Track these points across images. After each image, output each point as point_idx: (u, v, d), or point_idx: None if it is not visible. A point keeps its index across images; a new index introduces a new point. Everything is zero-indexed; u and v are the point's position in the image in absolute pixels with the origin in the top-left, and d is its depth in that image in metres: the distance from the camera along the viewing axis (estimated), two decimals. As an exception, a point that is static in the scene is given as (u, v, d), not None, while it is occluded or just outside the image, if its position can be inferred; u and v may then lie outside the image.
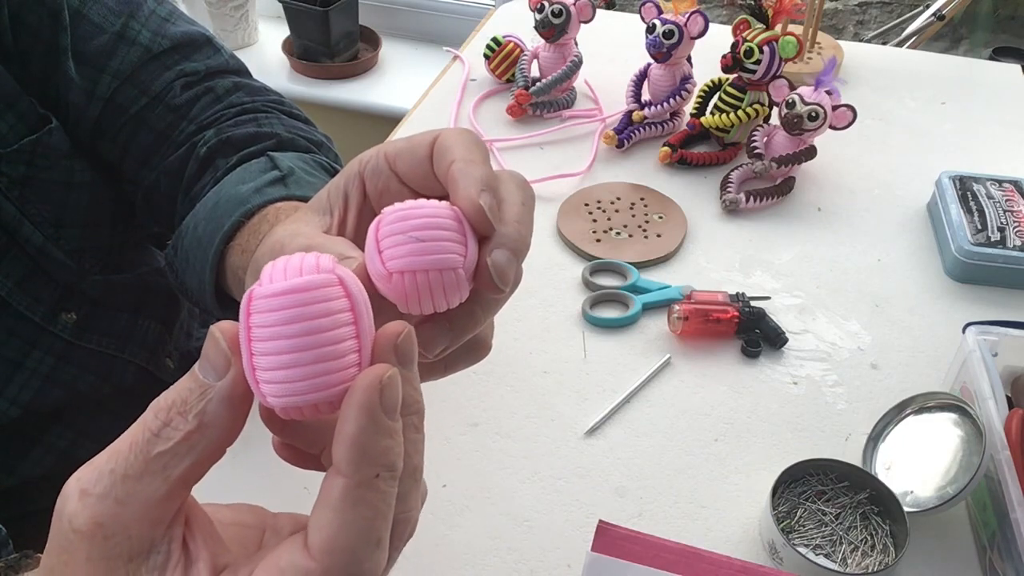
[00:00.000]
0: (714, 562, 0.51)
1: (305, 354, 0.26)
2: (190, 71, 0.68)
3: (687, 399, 0.69)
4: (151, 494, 0.27)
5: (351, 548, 0.26)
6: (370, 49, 1.88)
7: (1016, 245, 0.78)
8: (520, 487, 0.62)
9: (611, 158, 0.95)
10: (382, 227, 0.32)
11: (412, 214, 0.32)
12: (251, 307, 0.27)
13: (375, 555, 0.27)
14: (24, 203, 0.64)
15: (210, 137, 0.66)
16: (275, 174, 0.61)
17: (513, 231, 0.34)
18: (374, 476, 0.27)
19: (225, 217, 0.58)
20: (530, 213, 0.36)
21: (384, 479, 0.27)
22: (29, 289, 0.66)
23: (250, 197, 0.58)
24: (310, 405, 0.27)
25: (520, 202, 0.35)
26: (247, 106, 0.70)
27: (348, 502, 0.26)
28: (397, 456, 0.27)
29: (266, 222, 0.54)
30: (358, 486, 0.26)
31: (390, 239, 0.32)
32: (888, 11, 2.24)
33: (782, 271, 0.81)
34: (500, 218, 0.34)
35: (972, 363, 0.62)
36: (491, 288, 0.33)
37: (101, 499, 0.27)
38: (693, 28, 0.91)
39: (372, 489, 0.27)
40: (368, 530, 0.27)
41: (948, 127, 1.01)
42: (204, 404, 0.27)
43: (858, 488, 0.59)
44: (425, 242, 0.32)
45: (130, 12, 0.67)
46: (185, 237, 0.63)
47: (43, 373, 0.68)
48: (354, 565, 0.26)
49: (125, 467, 0.27)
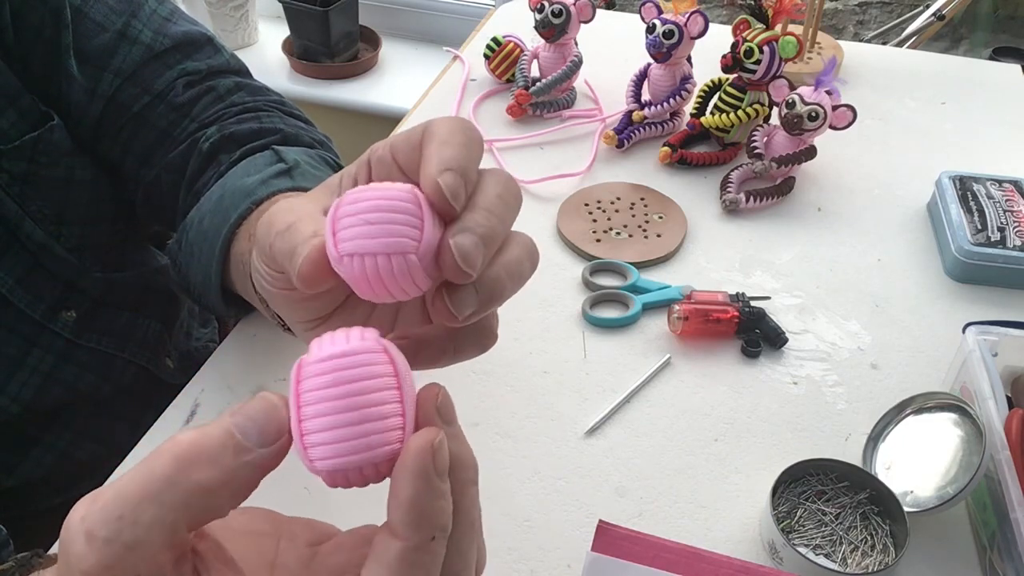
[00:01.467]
0: (714, 562, 0.51)
1: (352, 415, 0.27)
2: (192, 70, 0.69)
3: (687, 399, 0.69)
4: (161, 540, 0.27)
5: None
6: (370, 49, 1.88)
7: (1016, 245, 0.78)
8: (520, 487, 0.62)
9: (611, 158, 0.95)
10: (339, 208, 0.31)
11: (367, 196, 0.31)
12: (301, 374, 0.28)
13: None
14: (25, 200, 0.64)
15: (212, 133, 0.67)
16: (281, 166, 0.62)
17: (482, 217, 0.32)
18: (430, 539, 0.27)
19: (231, 209, 0.58)
20: (508, 208, 0.34)
21: (438, 541, 0.28)
22: (30, 286, 0.66)
23: (256, 188, 0.59)
24: (356, 468, 0.28)
25: (496, 194, 0.33)
26: (248, 105, 0.70)
27: (405, 563, 0.27)
28: (449, 517, 0.28)
29: None
30: (416, 549, 0.27)
31: (344, 220, 0.31)
32: (888, 11, 2.24)
33: (782, 271, 0.81)
34: (469, 204, 0.33)
35: (972, 363, 0.62)
36: (456, 273, 0.31)
37: (108, 543, 0.26)
38: (693, 28, 0.91)
39: (427, 552, 0.27)
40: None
41: (948, 127, 1.01)
42: (236, 466, 0.27)
43: (858, 488, 0.59)
44: (375, 225, 0.30)
45: (131, 11, 0.67)
46: (190, 231, 0.63)
47: (43, 371, 0.68)
48: None
49: (135, 514, 0.26)
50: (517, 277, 0.34)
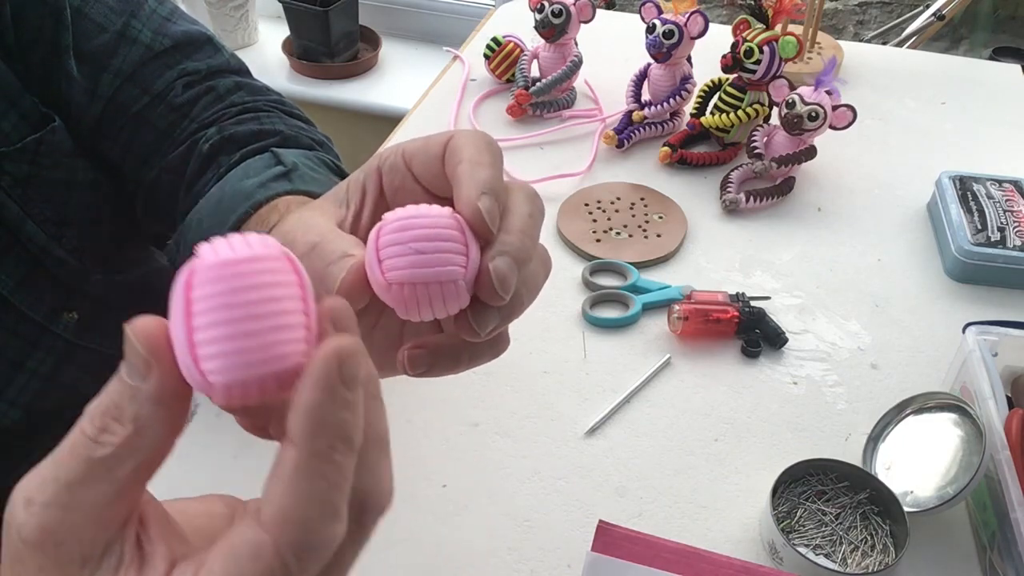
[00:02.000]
0: (714, 562, 0.51)
1: (252, 324, 0.25)
2: (191, 70, 0.69)
3: (687, 399, 0.69)
4: (98, 498, 0.26)
5: (304, 519, 0.25)
6: (370, 49, 1.88)
7: (1016, 245, 0.78)
8: (520, 487, 0.62)
9: (611, 158, 0.95)
10: (382, 235, 0.32)
11: (413, 223, 0.31)
12: (192, 280, 0.25)
13: (331, 527, 0.26)
14: (26, 202, 0.64)
15: (212, 135, 0.67)
16: (279, 169, 0.62)
17: (516, 240, 0.33)
18: (328, 447, 0.25)
19: (230, 212, 0.58)
20: (537, 226, 0.35)
21: (339, 451, 0.26)
22: (31, 288, 0.66)
23: (255, 192, 0.59)
24: (256, 381, 0.25)
25: (527, 213, 0.34)
26: (248, 105, 0.70)
27: (300, 473, 0.25)
28: (354, 429, 0.26)
29: (276, 211, 0.55)
30: (311, 457, 0.25)
31: (390, 249, 0.31)
32: (888, 11, 2.24)
33: (782, 271, 0.81)
34: (504, 226, 0.34)
35: (972, 363, 0.62)
36: (492, 296, 0.33)
37: (47, 507, 0.26)
38: (693, 28, 0.91)
39: (326, 461, 0.25)
40: (322, 501, 0.25)
41: (948, 127, 1.01)
42: (136, 408, 0.27)
43: (858, 488, 0.59)
44: (425, 254, 0.31)
45: (131, 11, 0.67)
46: (188, 233, 0.63)
47: (44, 374, 0.68)
48: (309, 535, 0.25)
49: (68, 474, 0.27)
50: (534, 290, 0.35)
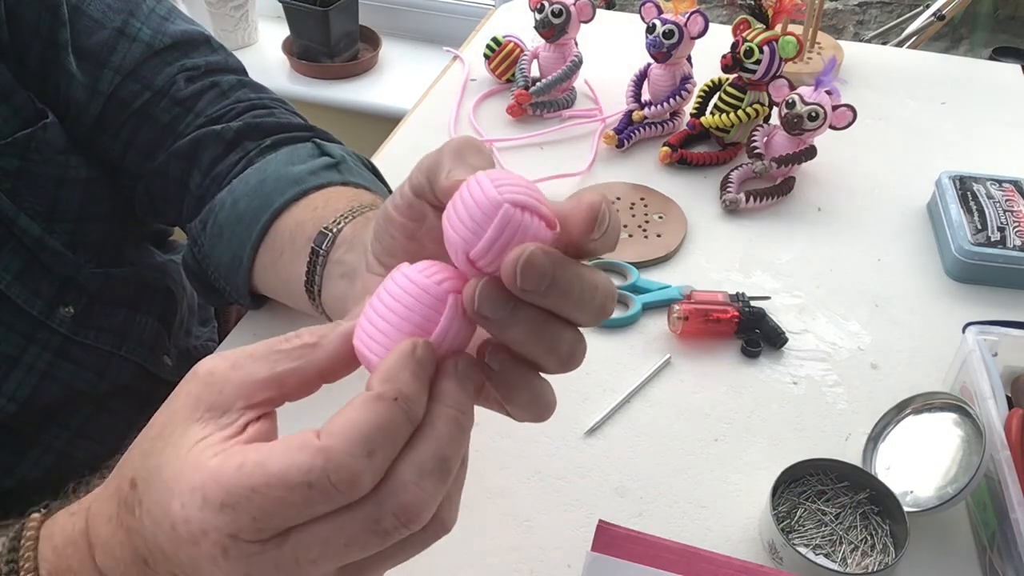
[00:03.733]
0: (714, 562, 0.51)
1: (398, 325, 0.32)
2: (191, 66, 0.69)
3: (687, 399, 0.69)
4: (255, 372, 0.34)
5: (348, 439, 0.30)
6: (370, 49, 1.88)
7: (1016, 245, 0.78)
8: (520, 487, 0.62)
9: (611, 158, 0.95)
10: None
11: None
12: (394, 276, 0.33)
13: (361, 463, 0.30)
14: (16, 196, 0.64)
15: (234, 124, 0.68)
16: (327, 160, 0.65)
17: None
18: (392, 398, 0.31)
19: (276, 194, 0.62)
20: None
21: (400, 404, 0.31)
22: (27, 282, 0.66)
23: (305, 178, 0.62)
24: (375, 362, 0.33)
25: (594, 284, 0.34)
26: (255, 101, 0.71)
27: (358, 405, 0.31)
28: (417, 403, 0.31)
29: (322, 199, 0.61)
30: (376, 397, 0.31)
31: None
32: (888, 11, 2.24)
33: (782, 271, 0.81)
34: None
35: (972, 363, 0.62)
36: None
37: (224, 359, 0.34)
38: (693, 28, 0.91)
39: (385, 402, 0.31)
40: (365, 435, 0.30)
41: (948, 127, 1.01)
42: (327, 330, 0.34)
43: (858, 488, 0.59)
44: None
45: (130, 10, 0.68)
46: (220, 212, 0.65)
47: (40, 369, 0.68)
48: (346, 457, 0.30)
49: (252, 350, 0.34)
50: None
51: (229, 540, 0.31)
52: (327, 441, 0.30)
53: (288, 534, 0.31)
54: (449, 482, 0.32)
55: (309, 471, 0.30)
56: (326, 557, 0.31)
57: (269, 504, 0.30)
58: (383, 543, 0.32)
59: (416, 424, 0.32)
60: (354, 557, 0.32)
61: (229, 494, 0.31)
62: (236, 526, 0.31)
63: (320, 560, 0.31)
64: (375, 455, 0.30)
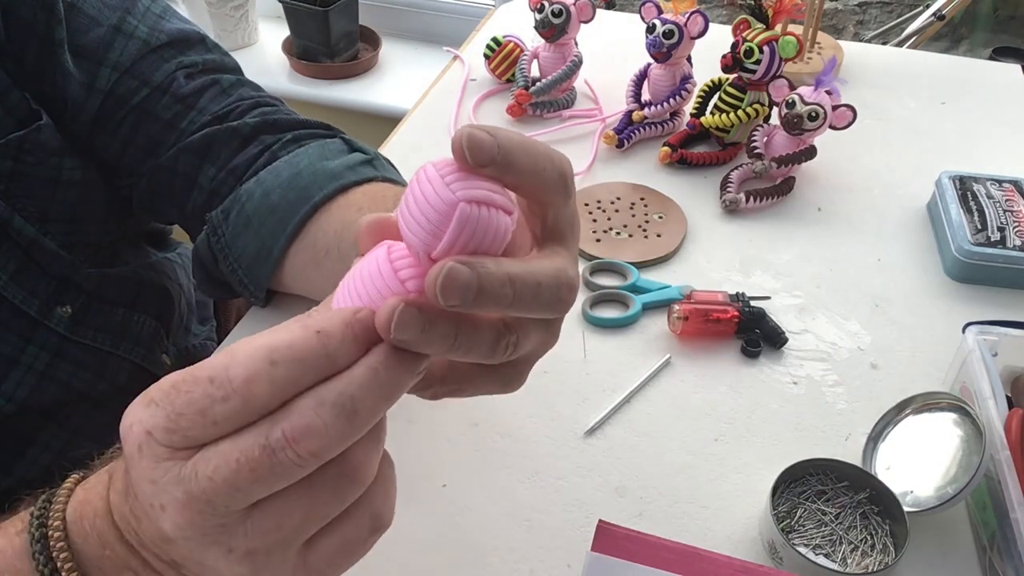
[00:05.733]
0: (714, 562, 0.51)
1: (360, 299, 0.33)
2: (188, 63, 0.69)
3: (687, 399, 0.69)
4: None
5: (256, 346, 0.32)
6: (370, 49, 1.88)
7: (1016, 245, 0.78)
8: (520, 487, 0.62)
9: (611, 158, 0.95)
10: None
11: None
12: (374, 254, 0.34)
13: (261, 366, 0.31)
14: (10, 197, 0.64)
15: (250, 119, 0.69)
16: (361, 156, 0.67)
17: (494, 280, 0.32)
18: (315, 330, 0.32)
19: (314, 188, 0.63)
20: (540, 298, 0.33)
21: (321, 338, 0.31)
22: (24, 282, 0.66)
23: (343, 173, 0.64)
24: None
25: (537, 281, 0.33)
26: (258, 99, 0.71)
27: (282, 325, 0.32)
28: (339, 347, 0.32)
29: (362, 195, 0.62)
30: (301, 324, 0.32)
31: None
32: (888, 11, 2.24)
33: (782, 271, 0.81)
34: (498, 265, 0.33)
35: (972, 363, 0.62)
36: (430, 290, 0.32)
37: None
38: (693, 28, 0.91)
39: (306, 330, 0.32)
40: (272, 345, 0.31)
41: (948, 127, 1.01)
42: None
43: (858, 488, 0.59)
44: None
45: (126, 8, 0.68)
46: (247, 203, 0.65)
47: (38, 369, 0.68)
48: (248, 359, 0.31)
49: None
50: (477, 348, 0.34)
51: (145, 437, 0.33)
52: (236, 346, 0.32)
53: (193, 451, 0.32)
54: (354, 428, 0.32)
55: (213, 367, 0.31)
56: (220, 472, 0.31)
57: (180, 400, 0.32)
58: (273, 470, 0.31)
59: (332, 365, 0.32)
60: (250, 479, 0.31)
61: (157, 389, 0.33)
62: (152, 422, 0.33)
63: (215, 476, 0.31)
64: (276, 366, 0.31)
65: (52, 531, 0.38)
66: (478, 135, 0.31)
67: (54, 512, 0.39)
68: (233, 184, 0.67)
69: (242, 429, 0.32)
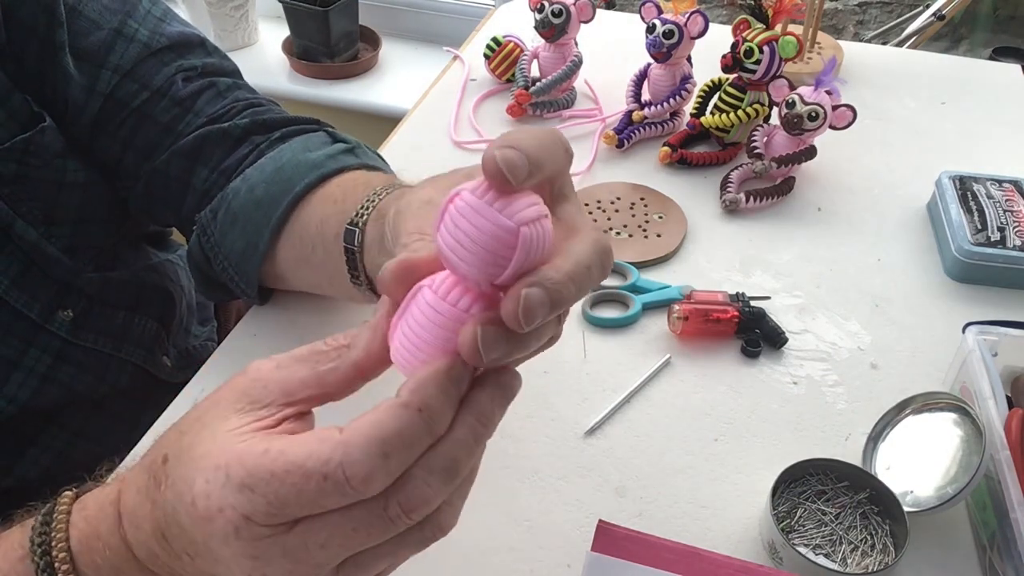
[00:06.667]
0: (714, 562, 0.51)
1: (429, 340, 0.33)
2: (188, 67, 0.69)
3: (687, 399, 0.69)
4: (298, 371, 0.36)
5: (367, 438, 0.31)
6: (370, 49, 1.88)
7: (1016, 245, 0.78)
8: (520, 487, 0.62)
9: (611, 158, 0.95)
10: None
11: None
12: (423, 296, 0.33)
13: (376, 462, 0.31)
14: (15, 201, 0.64)
15: (241, 120, 0.69)
16: (343, 145, 0.67)
17: (561, 280, 0.32)
18: (417, 408, 0.32)
19: (296, 179, 0.63)
20: (590, 281, 0.34)
21: (424, 416, 0.32)
22: (25, 286, 0.66)
23: (324, 162, 0.64)
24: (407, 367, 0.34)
25: (587, 264, 0.33)
26: (252, 100, 0.71)
27: (383, 409, 0.32)
28: (441, 418, 0.32)
29: (347, 183, 0.62)
30: (402, 405, 0.32)
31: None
32: (888, 11, 2.24)
33: (782, 271, 0.81)
34: (555, 263, 0.33)
35: (972, 363, 0.62)
36: (512, 321, 0.32)
37: (272, 360, 0.37)
38: (693, 28, 0.91)
39: (410, 411, 0.32)
40: (384, 437, 0.31)
41: (948, 127, 1.01)
42: (358, 331, 0.36)
43: (858, 488, 0.59)
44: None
45: (126, 11, 0.68)
46: (233, 200, 0.66)
47: (40, 372, 0.68)
48: (362, 455, 0.31)
49: (296, 353, 0.37)
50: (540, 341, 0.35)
51: (242, 520, 0.33)
52: (347, 436, 0.32)
53: (298, 522, 0.33)
54: (454, 484, 0.33)
55: (326, 463, 0.31)
56: (333, 541, 0.33)
57: (285, 490, 0.32)
58: (386, 532, 0.33)
59: (436, 437, 0.33)
60: (360, 544, 0.33)
61: (250, 475, 0.32)
62: (251, 507, 0.32)
63: (327, 544, 0.33)
64: (390, 458, 0.32)
65: (59, 563, 0.40)
66: (511, 156, 0.30)
67: (56, 542, 0.40)
68: (224, 185, 0.68)
69: (352, 504, 0.33)
